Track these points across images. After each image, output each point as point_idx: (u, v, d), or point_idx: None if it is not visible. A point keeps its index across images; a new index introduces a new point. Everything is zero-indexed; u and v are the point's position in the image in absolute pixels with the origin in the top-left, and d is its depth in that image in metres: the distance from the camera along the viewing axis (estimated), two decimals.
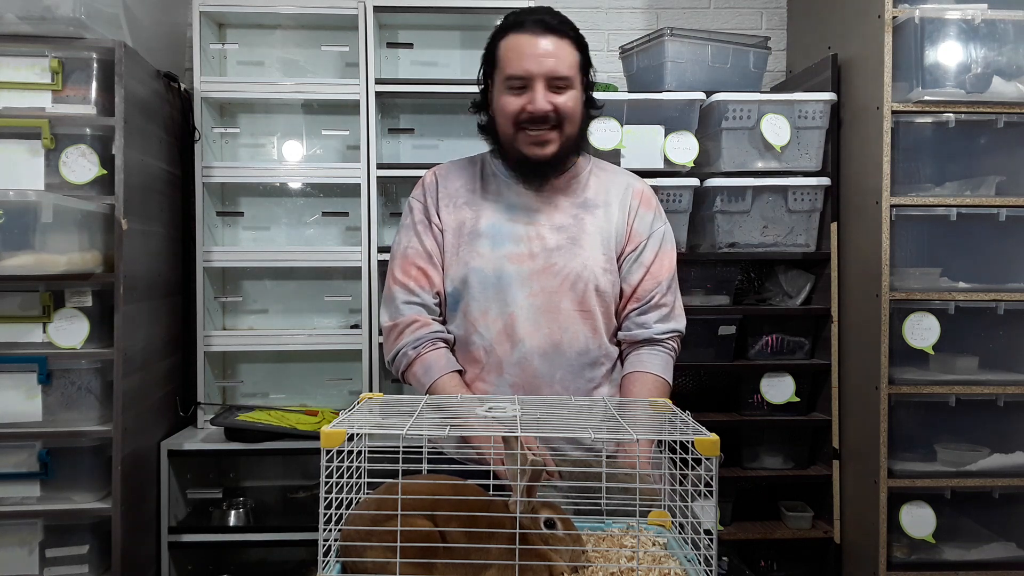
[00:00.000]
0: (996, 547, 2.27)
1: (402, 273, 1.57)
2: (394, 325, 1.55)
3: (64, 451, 2.02)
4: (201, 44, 2.48)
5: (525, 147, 1.51)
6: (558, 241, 1.54)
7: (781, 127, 2.41)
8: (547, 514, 1.03)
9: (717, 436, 0.98)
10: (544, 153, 1.51)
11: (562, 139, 1.51)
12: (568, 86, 1.49)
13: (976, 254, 2.30)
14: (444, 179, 1.63)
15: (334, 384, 2.64)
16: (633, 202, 1.61)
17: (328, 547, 1.00)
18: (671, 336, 1.60)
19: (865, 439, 2.29)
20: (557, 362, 1.52)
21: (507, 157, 1.57)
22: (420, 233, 1.59)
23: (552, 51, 1.47)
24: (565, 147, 1.53)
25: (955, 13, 2.20)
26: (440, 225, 1.58)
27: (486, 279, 1.52)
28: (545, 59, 1.47)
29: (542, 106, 1.47)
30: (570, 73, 1.49)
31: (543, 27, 1.48)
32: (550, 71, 1.47)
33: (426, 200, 1.61)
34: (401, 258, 1.59)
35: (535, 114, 1.47)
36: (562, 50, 1.48)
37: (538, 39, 1.47)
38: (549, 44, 1.47)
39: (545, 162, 1.52)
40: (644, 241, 1.59)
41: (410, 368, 1.53)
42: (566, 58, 1.49)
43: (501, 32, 1.53)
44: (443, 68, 2.71)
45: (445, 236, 1.58)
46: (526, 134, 1.50)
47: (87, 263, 1.96)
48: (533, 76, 1.47)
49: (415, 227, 1.60)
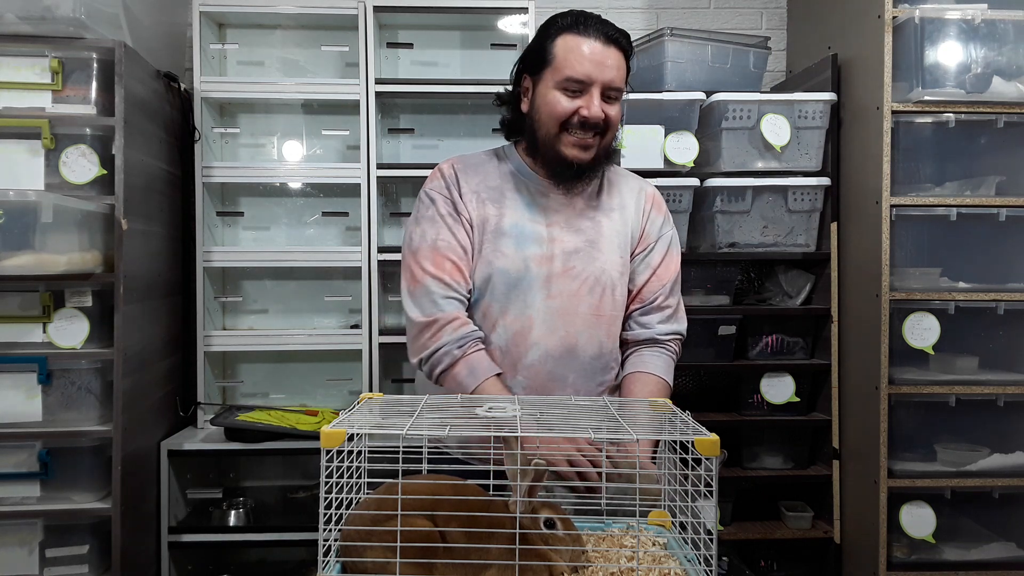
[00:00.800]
0: (996, 547, 2.27)
1: (435, 267, 1.50)
2: (432, 321, 1.47)
3: (64, 451, 2.02)
4: (201, 44, 2.48)
5: (567, 148, 1.50)
6: (576, 244, 1.54)
7: (781, 127, 2.41)
8: (547, 514, 1.03)
9: (717, 436, 0.98)
10: (585, 157, 1.51)
11: (600, 147, 1.52)
12: (619, 98, 1.51)
13: (976, 254, 2.30)
14: (464, 172, 1.58)
15: (334, 384, 2.64)
16: (646, 205, 1.62)
17: (328, 547, 1.00)
18: (673, 338, 1.60)
19: (865, 439, 2.29)
20: (571, 365, 1.52)
21: (541, 155, 1.55)
22: (451, 226, 1.53)
23: (613, 62, 1.48)
24: (600, 155, 1.53)
25: (955, 13, 2.20)
26: (469, 219, 1.54)
27: (509, 280, 1.51)
28: (607, 68, 1.47)
29: (597, 113, 1.47)
30: (623, 86, 1.51)
31: (606, 37, 1.48)
32: (609, 81, 1.47)
33: (451, 193, 1.55)
34: (431, 250, 1.51)
35: (589, 120, 1.47)
36: (620, 62, 1.49)
37: (602, 46, 1.47)
38: (611, 53, 1.47)
39: (583, 166, 1.52)
40: (653, 244, 1.60)
41: (452, 368, 1.45)
42: (622, 70, 1.50)
43: (557, 31, 1.50)
44: (443, 68, 2.71)
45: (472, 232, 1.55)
46: (570, 136, 1.49)
47: (87, 263, 1.96)
48: (593, 82, 1.46)
49: (443, 219, 1.53)
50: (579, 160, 1.50)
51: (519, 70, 1.57)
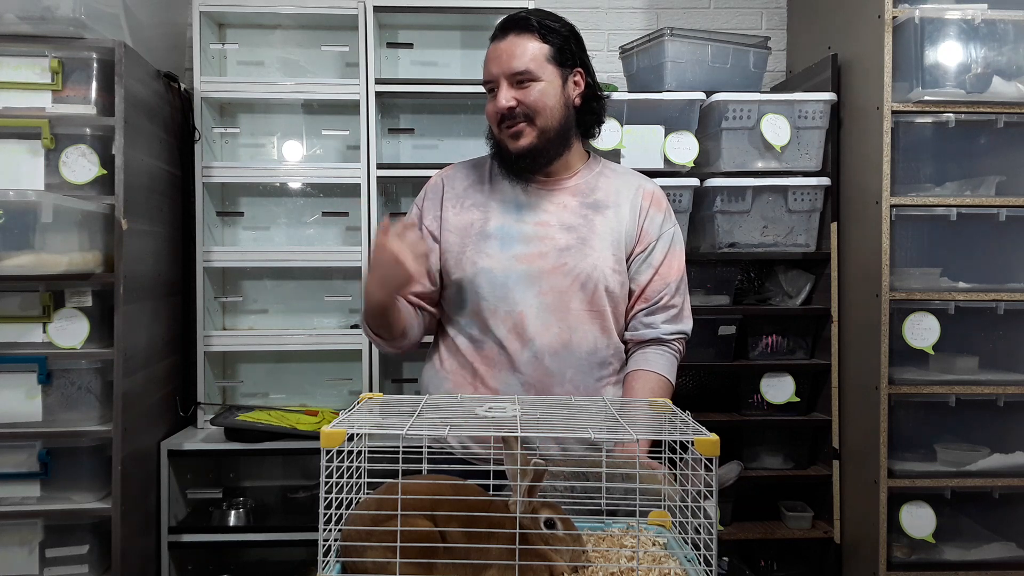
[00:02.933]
0: (996, 547, 2.27)
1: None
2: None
3: (64, 451, 2.02)
4: (201, 44, 2.48)
5: (506, 142, 1.56)
6: (568, 241, 1.55)
7: (781, 127, 2.41)
8: (547, 514, 1.03)
9: (717, 436, 0.98)
10: (519, 144, 1.54)
11: (537, 131, 1.53)
12: (531, 79, 1.51)
13: (976, 254, 2.30)
14: (451, 180, 1.65)
15: (334, 384, 2.64)
16: (643, 203, 1.61)
17: (328, 547, 1.00)
18: (677, 337, 1.61)
19: (865, 439, 2.29)
20: (568, 361, 1.52)
21: (500, 158, 1.61)
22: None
23: (509, 49, 1.51)
24: (543, 139, 1.54)
25: (955, 13, 2.20)
26: (436, 230, 1.60)
27: (495, 279, 1.53)
28: (505, 59, 1.51)
29: (501, 104, 1.51)
30: (530, 66, 1.51)
31: (503, 29, 1.53)
32: (508, 69, 1.51)
33: (424, 204, 1.65)
34: None
35: (500, 110, 1.52)
36: (519, 46, 1.51)
37: (500, 42, 1.53)
38: (508, 44, 1.52)
39: (523, 154, 1.54)
40: (654, 242, 1.60)
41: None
42: (525, 53, 1.51)
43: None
44: (443, 68, 2.71)
45: (448, 237, 1.58)
46: (504, 131, 1.55)
47: (87, 263, 1.96)
48: (496, 77, 1.52)
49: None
50: (516, 148, 1.55)
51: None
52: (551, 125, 1.54)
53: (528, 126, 1.52)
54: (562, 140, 1.57)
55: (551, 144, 1.56)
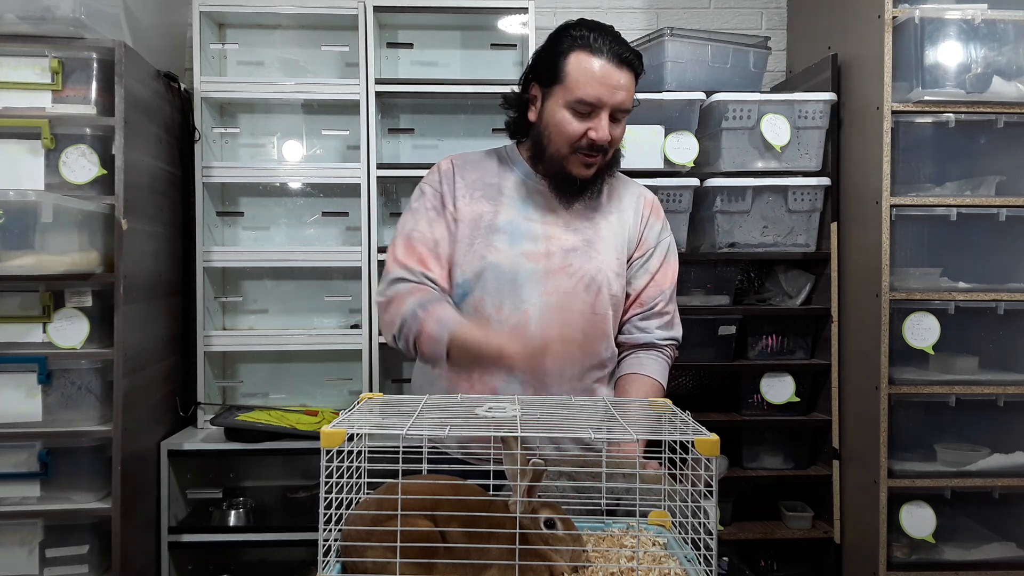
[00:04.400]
0: (996, 547, 2.27)
1: (404, 255, 1.53)
2: (394, 296, 1.49)
3: (64, 451, 2.02)
4: (201, 44, 2.48)
5: (574, 167, 1.52)
6: (574, 243, 1.55)
7: (781, 127, 2.41)
8: (547, 514, 1.03)
9: (717, 436, 0.98)
10: (588, 174, 1.53)
11: (603, 162, 1.54)
12: (624, 117, 1.52)
13: (976, 254, 2.30)
14: (462, 169, 1.61)
15: (334, 384, 2.64)
16: (645, 211, 1.63)
17: (328, 547, 1.00)
18: (670, 343, 1.63)
19: (865, 439, 2.29)
20: (567, 361, 1.52)
21: (546, 167, 1.56)
22: (432, 220, 1.56)
23: (624, 84, 1.48)
24: (602, 168, 1.55)
25: (955, 13, 2.20)
26: (455, 215, 1.56)
27: (502, 275, 1.52)
28: (618, 92, 1.47)
29: (605, 136, 1.48)
30: (631, 106, 1.52)
31: (619, 59, 1.47)
32: (619, 104, 1.48)
33: (442, 187, 1.59)
34: (405, 239, 1.55)
35: (597, 142, 1.48)
36: (630, 83, 1.50)
37: (615, 70, 1.47)
38: (623, 77, 1.47)
39: (586, 182, 1.54)
40: (652, 249, 1.62)
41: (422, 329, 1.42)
42: (631, 91, 1.50)
43: (570, 47, 1.50)
44: (443, 68, 2.71)
45: (460, 227, 1.56)
46: (579, 156, 1.51)
47: (87, 263, 1.96)
48: (604, 105, 1.47)
49: (426, 212, 1.57)
50: (583, 177, 1.53)
51: (529, 77, 1.57)
52: (612, 158, 1.57)
53: (602, 158, 1.53)
54: (610, 167, 1.59)
55: (605, 172, 1.58)
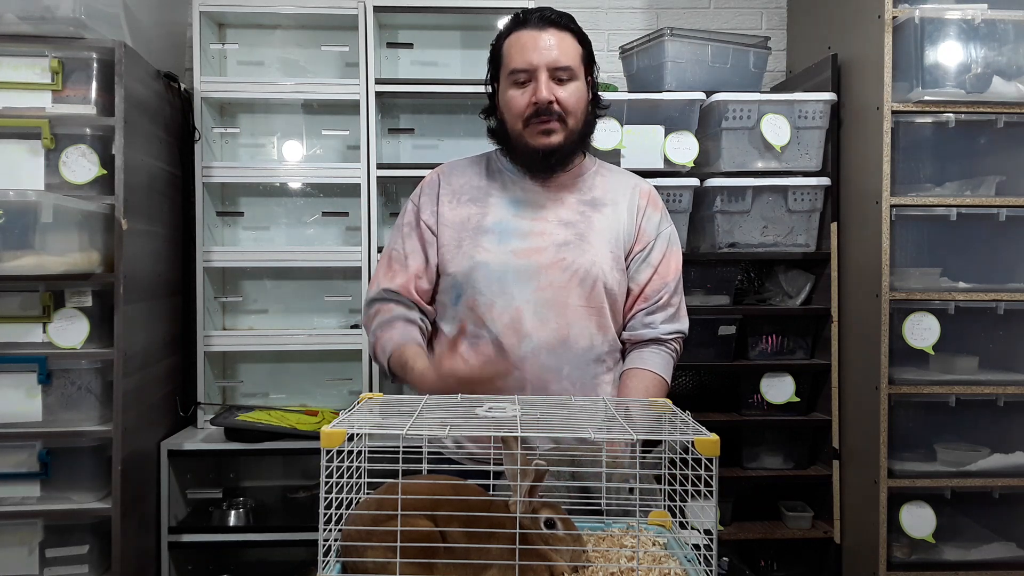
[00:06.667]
0: (996, 547, 2.27)
1: (385, 276, 1.60)
2: (366, 319, 1.62)
3: (64, 451, 2.02)
4: (201, 44, 2.48)
5: (532, 138, 1.53)
6: (566, 237, 1.55)
7: (781, 127, 2.41)
8: (547, 514, 1.03)
9: (717, 436, 0.98)
10: (550, 142, 1.52)
11: (566, 132, 1.53)
12: (571, 78, 1.51)
13: (976, 254, 2.30)
14: (447, 176, 1.64)
15: (334, 384, 2.64)
16: (641, 202, 1.62)
17: (328, 547, 1.00)
18: (675, 337, 1.61)
19: (865, 439, 2.29)
20: (565, 357, 1.52)
21: (515, 153, 1.58)
22: (405, 236, 1.61)
23: (554, 43, 1.49)
24: (569, 140, 1.54)
25: (955, 13, 2.20)
26: (434, 225, 1.59)
27: (491, 273, 1.52)
28: (547, 50, 1.49)
29: (544, 95, 1.48)
30: (572, 64, 1.51)
31: (544, 21, 1.51)
32: (552, 61, 1.49)
33: (420, 200, 1.63)
34: (387, 260, 1.62)
35: (540, 104, 1.49)
36: (564, 42, 1.51)
37: (540, 32, 1.50)
38: (551, 36, 1.50)
39: (551, 151, 1.53)
40: (652, 241, 1.60)
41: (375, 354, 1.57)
42: (568, 50, 1.51)
43: (505, 33, 1.56)
44: (443, 68, 2.71)
45: (445, 231, 1.58)
46: (534, 127, 1.52)
47: (87, 263, 1.96)
48: (536, 67, 1.49)
49: (402, 229, 1.63)
50: (545, 145, 1.52)
51: (487, 80, 1.61)
52: (577, 128, 1.55)
53: (560, 125, 1.52)
54: (581, 143, 1.58)
55: (575, 146, 1.57)
